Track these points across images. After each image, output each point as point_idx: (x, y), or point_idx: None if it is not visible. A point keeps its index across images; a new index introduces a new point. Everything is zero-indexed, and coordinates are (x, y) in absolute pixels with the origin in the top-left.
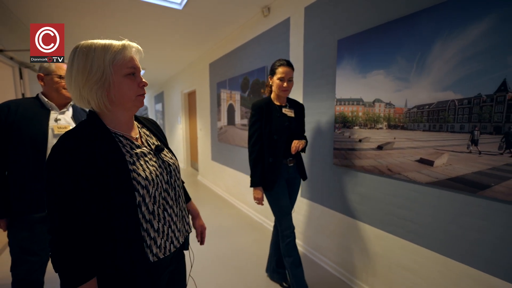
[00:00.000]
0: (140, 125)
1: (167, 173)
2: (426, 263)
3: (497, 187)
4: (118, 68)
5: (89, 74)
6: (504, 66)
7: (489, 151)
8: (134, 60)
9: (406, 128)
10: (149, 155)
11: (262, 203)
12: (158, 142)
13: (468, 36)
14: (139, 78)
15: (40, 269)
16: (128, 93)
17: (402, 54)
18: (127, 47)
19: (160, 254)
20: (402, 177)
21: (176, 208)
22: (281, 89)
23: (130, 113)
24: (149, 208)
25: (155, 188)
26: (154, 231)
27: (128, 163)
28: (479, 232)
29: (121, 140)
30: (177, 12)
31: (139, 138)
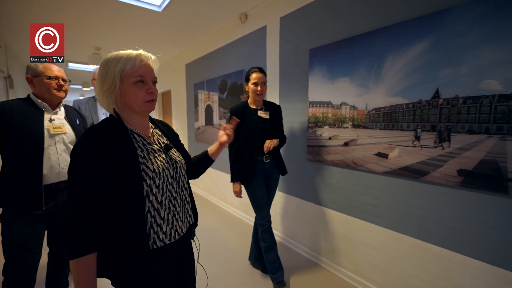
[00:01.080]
0: (153, 126)
1: (174, 169)
2: (384, 239)
3: (434, 173)
4: (127, 77)
5: (103, 83)
6: (437, 78)
7: (428, 145)
8: (143, 69)
9: (367, 127)
10: (159, 152)
11: (240, 196)
12: (168, 141)
13: (411, 53)
14: (148, 85)
15: (34, 266)
16: (135, 99)
17: (363, 65)
18: (138, 57)
19: (166, 240)
20: (364, 168)
21: (180, 200)
22: (256, 93)
23: (141, 116)
24: (158, 198)
25: (162, 180)
26: (160, 219)
27: (139, 156)
28: (422, 210)
29: (135, 137)
30: (156, 14)
31: (152, 137)
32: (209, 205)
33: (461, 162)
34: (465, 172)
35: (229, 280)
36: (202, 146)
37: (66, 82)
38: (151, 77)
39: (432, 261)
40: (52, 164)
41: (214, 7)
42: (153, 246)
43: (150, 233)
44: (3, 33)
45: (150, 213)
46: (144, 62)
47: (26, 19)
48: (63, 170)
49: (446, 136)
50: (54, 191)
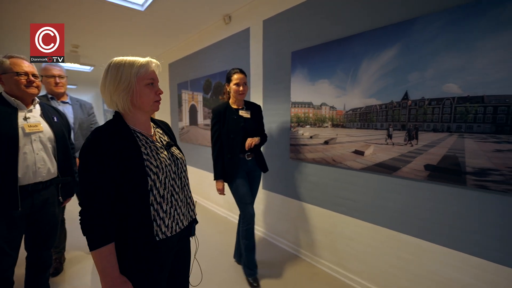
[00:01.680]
0: (155, 125)
1: (175, 165)
2: (360, 231)
3: (404, 169)
4: (141, 79)
5: (118, 84)
6: (406, 81)
7: (399, 143)
8: (153, 73)
9: (345, 126)
10: (161, 149)
11: (223, 193)
12: (169, 140)
13: (384, 57)
14: (156, 87)
15: (10, 268)
16: (147, 99)
17: (341, 68)
18: (149, 63)
19: (168, 233)
20: (343, 165)
21: (182, 195)
22: (237, 93)
23: (147, 115)
24: (160, 192)
25: (165, 175)
26: (163, 212)
27: (143, 153)
28: (394, 202)
29: (139, 135)
30: (138, 13)
31: (154, 136)
32: None
33: (427, 158)
34: (430, 167)
35: (215, 277)
36: (187, 146)
37: (38, 77)
38: (158, 80)
39: (404, 249)
40: (28, 164)
41: (198, 7)
42: (156, 238)
43: (153, 226)
44: None
45: (153, 206)
46: (152, 67)
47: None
48: (40, 170)
49: (414, 134)
50: (30, 192)
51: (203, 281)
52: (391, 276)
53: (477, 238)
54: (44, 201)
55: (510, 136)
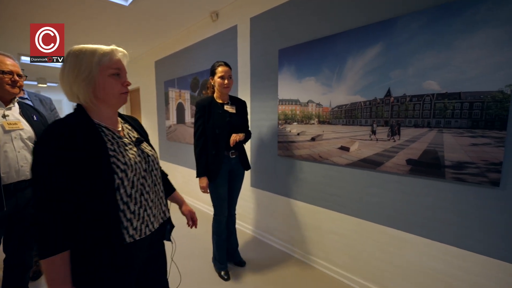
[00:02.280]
0: (123, 121)
1: (146, 162)
2: (347, 226)
3: (387, 163)
4: (104, 69)
5: (78, 73)
6: (389, 78)
7: (382, 138)
8: (119, 63)
9: (331, 123)
10: (130, 146)
11: (207, 191)
12: (138, 136)
13: (367, 56)
14: (123, 78)
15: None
16: (111, 91)
17: (326, 66)
18: (114, 51)
19: (136, 236)
20: (329, 161)
21: (153, 194)
22: (222, 86)
23: (114, 109)
24: (127, 191)
25: (133, 173)
26: (130, 213)
27: (109, 149)
28: (378, 197)
29: (104, 130)
30: (122, 8)
31: (122, 131)
32: None
33: (409, 152)
34: (412, 161)
35: (203, 275)
36: (174, 145)
37: (22, 77)
38: (125, 71)
39: (387, 241)
40: (10, 162)
41: (184, 3)
42: (123, 242)
43: (119, 228)
44: None
45: (119, 206)
46: (118, 56)
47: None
48: (23, 168)
49: (397, 130)
50: (13, 191)
51: (191, 281)
52: (375, 268)
53: (455, 228)
54: (27, 200)
55: (485, 131)
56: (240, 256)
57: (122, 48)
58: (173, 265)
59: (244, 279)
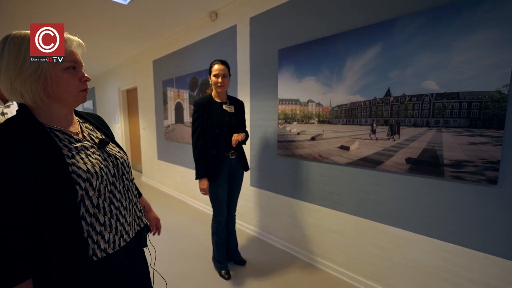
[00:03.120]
0: (82, 120)
1: (114, 166)
2: (345, 224)
3: (387, 162)
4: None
5: (22, 66)
6: (388, 78)
7: (382, 137)
8: (75, 54)
9: (331, 122)
10: (92, 149)
11: (208, 193)
12: (103, 136)
13: (367, 56)
14: (80, 73)
15: None
16: (68, 88)
17: (326, 66)
18: (67, 40)
19: (109, 249)
20: (329, 160)
21: (125, 201)
22: (216, 84)
23: (69, 107)
24: (93, 201)
25: (99, 181)
26: (100, 225)
27: (66, 157)
28: (376, 195)
29: (58, 135)
30: (121, 7)
31: (80, 133)
32: (180, 204)
33: (408, 151)
34: (411, 160)
35: (204, 274)
36: (172, 145)
37: None
38: (81, 64)
39: (386, 239)
40: None
41: (183, 3)
42: (93, 258)
43: (88, 243)
44: None
45: (85, 219)
46: (72, 46)
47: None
48: None
49: (396, 129)
50: None
51: (192, 281)
52: (373, 265)
53: (453, 226)
54: None
55: (483, 130)
56: (240, 255)
57: (117, 47)
58: (156, 273)
59: (245, 278)
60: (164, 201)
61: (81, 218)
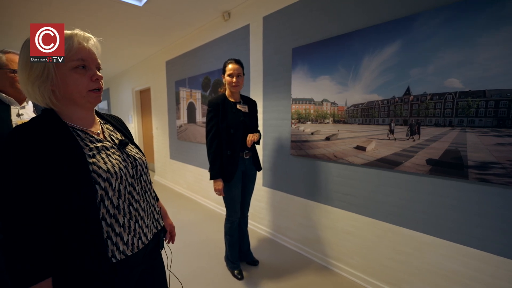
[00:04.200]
0: (103, 121)
1: (133, 167)
2: (360, 226)
3: (406, 163)
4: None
5: (31, 70)
6: (408, 76)
7: (401, 138)
8: (84, 51)
9: (346, 122)
10: (112, 149)
11: (223, 194)
12: (122, 137)
13: (385, 53)
14: (91, 71)
15: None
16: (76, 88)
17: (342, 64)
18: (74, 36)
19: (128, 251)
20: (344, 161)
21: (143, 203)
22: (231, 84)
23: (85, 109)
24: (114, 202)
25: (119, 181)
26: (119, 227)
27: (87, 156)
28: (395, 197)
29: (79, 134)
30: (136, 8)
31: (101, 133)
32: (192, 203)
33: (429, 152)
34: (432, 161)
35: (216, 274)
36: (184, 144)
37: None
38: (95, 62)
39: (404, 243)
40: None
41: (196, 4)
42: (112, 259)
43: (108, 245)
44: None
45: (105, 220)
46: (83, 44)
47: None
48: None
49: (416, 129)
50: None
51: (203, 279)
52: (391, 269)
53: (478, 231)
54: None
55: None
56: (252, 255)
57: (132, 49)
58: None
59: (258, 279)
60: (177, 200)
61: (101, 219)
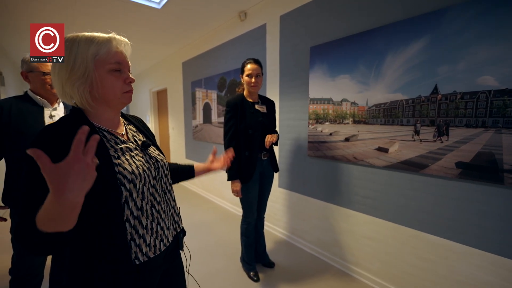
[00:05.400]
0: (126, 122)
1: (155, 168)
2: (382, 231)
3: (433, 166)
4: (101, 63)
5: (72, 69)
6: (435, 74)
7: (427, 139)
8: (120, 55)
9: (367, 122)
10: (136, 151)
11: (240, 195)
12: (145, 138)
13: (411, 50)
14: (125, 74)
15: (41, 264)
16: (112, 90)
17: (363, 63)
18: (113, 40)
19: (150, 253)
20: (365, 163)
21: (164, 205)
22: (250, 85)
23: (115, 109)
24: (137, 204)
25: (143, 183)
26: (142, 228)
27: (112, 157)
28: (419, 201)
29: (105, 135)
30: (155, 11)
31: (125, 134)
32: (207, 202)
33: (459, 155)
34: (463, 164)
35: (232, 275)
36: (200, 144)
37: None
38: (127, 65)
39: (429, 250)
40: None
41: (214, 5)
42: (135, 261)
43: (131, 246)
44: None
45: (129, 222)
46: (120, 48)
47: (19, 16)
48: None
49: (445, 130)
50: None
51: (218, 279)
52: (414, 277)
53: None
54: None
55: None
56: (268, 257)
57: (150, 50)
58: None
59: (274, 282)
60: (192, 199)
61: (125, 221)
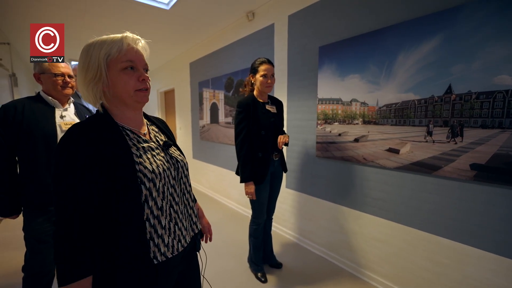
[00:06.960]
0: (149, 122)
1: (175, 169)
2: (393, 233)
3: (446, 168)
4: (113, 63)
5: (87, 72)
6: (449, 74)
7: (440, 140)
8: (132, 52)
9: (377, 123)
10: (157, 150)
11: (255, 197)
12: (166, 139)
13: (423, 50)
14: (139, 72)
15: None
16: (124, 88)
17: (373, 62)
18: (124, 39)
19: (168, 253)
20: (375, 164)
21: (182, 205)
22: (265, 85)
23: (134, 109)
24: (158, 203)
25: (162, 182)
26: (161, 228)
27: (134, 155)
28: (432, 204)
29: (128, 133)
30: (163, 11)
31: (147, 134)
32: (214, 202)
33: (474, 156)
34: (478, 166)
35: (240, 275)
36: (207, 144)
37: (73, 78)
38: (142, 63)
39: (441, 253)
40: None
41: (222, 5)
42: (154, 261)
43: (150, 246)
44: (6, 31)
45: (149, 221)
46: (132, 46)
47: (28, 17)
48: None
49: (459, 131)
50: None
51: (226, 280)
52: (426, 281)
53: None
54: None
55: None
56: (275, 258)
57: (158, 51)
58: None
59: (282, 283)
60: (199, 199)
61: (145, 220)
